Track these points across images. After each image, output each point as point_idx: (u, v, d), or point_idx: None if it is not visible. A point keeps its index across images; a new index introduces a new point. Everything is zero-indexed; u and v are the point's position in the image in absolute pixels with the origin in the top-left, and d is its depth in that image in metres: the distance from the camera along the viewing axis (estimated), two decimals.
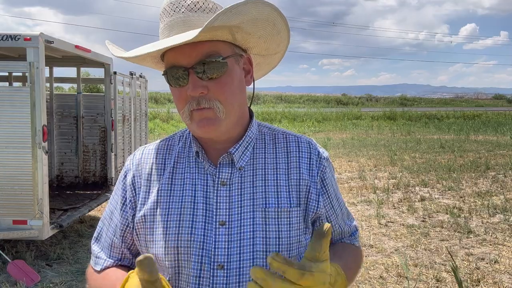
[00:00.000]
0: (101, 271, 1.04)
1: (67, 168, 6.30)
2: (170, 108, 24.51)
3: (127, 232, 1.03)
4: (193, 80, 0.91)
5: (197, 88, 0.90)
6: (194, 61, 0.91)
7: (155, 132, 17.06)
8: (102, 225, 1.08)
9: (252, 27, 0.93)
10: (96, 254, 1.07)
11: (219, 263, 0.92)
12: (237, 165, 0.98)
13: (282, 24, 0.96)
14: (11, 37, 3.92)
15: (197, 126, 0.94)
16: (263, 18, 0.92)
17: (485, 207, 6.42)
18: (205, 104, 0.92)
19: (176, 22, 0.93)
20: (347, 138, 16.18)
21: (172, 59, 0.93)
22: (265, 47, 1.04)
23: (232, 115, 0.95)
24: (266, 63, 1.13)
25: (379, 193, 7.40)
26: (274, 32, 0.98)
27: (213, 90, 0.92)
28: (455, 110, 31.14)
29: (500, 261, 4.47)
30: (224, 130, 0.96)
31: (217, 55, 0.91)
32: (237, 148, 0.99)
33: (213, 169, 0.99)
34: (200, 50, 0.90)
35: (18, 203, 3.98)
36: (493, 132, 18.84)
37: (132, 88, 6.58)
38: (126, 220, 1.02)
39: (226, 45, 0.94)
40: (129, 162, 1.06)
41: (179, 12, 0.93)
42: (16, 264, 3.96)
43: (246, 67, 1.01)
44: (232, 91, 0.94)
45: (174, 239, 0.95)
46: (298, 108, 29.44)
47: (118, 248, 1.04)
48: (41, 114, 3.95)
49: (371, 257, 4.59)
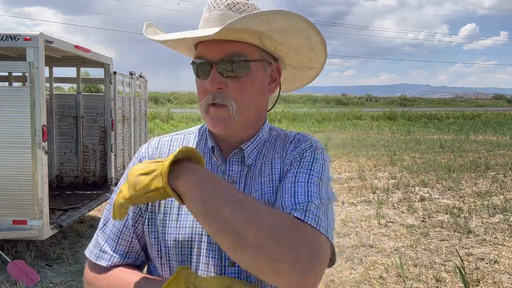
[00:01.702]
0: (108, 269, 0.98)
1: (67, 168, 6.29)
2: (170, 108, 24.52)
3: (139, 222, 1.00)
4: (214, 75, 0.94)
5: (215, 82, 0.93)
6: (218, 57, 0.94)
7: (154, 132, 17.05)
8: (108, 214, 1.03)
9: (281, 37, 0.96)
10: (101, 246, 1.00)
11: (230, 260, 0.92)
12: (246, 162, 1.00)
13: (317, 40, 0.99)
14: (11, 37, 3.92)
15: (210, 121, 0.97)
16: (294, 30, 0.94)
17: (485, 207, 6.42)
18: (220, 100, 0.94)
19: (212, 18, 0.96)
20: (347, 138, 16.18)
21: (201, 51, 0.96)
22: (297, 60, 1.07)
23: (245, 116, 0.97)
24: (301, 76, 1.15)
25: (379, 193, 7.40)
26: (307, 46, 1.01)
27: (231, 89, 0.94)
28: (455, 110, 31.15)
29: (500, 261, 4.47)
30: (234, 129, 0.98)
31: (241, 56, 0.94)
32: (248, 145, 1.01)
33: (223, 167, 1.00)
34: (226, 48, 0.93)
35: (18, 203, 3.97)
36: (493, 132, 18.85)
37: (132, 88, 6.58)
38: (139, 209, 1.00)
39: (254, 49, 0.96)
40: (144, 150, 1.06)
41: (217, 9, 0.96)
42: (16, 264, 3.96)
43: (273, 75, 1.03)
44: (250, 94, 0.96)
45: (188, 232, 0.96)
46: (298, 108, 29.43)
47: (127, 240, 1.00)
48: (41, 114, 3.95)
49: (371, 257, 4.59)
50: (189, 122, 21.14)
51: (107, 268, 0.98)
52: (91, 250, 1.01)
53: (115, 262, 0.99)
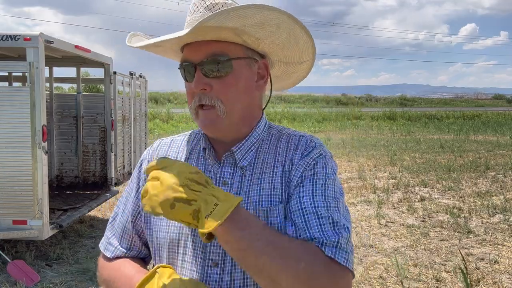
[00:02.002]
0: (112, 259, 1.06)
1: (67, 168, 6.29)
2: (170, 108, 24.51)
3: (138, 219, 1.06)
4: (198, 76, 0.94)
5: (199, 84, 0.94)
6: (200, 58, 0.94)
7: (154, 132, 17.05)
8: (117, 209, 1.12)
9: (258, 32, 0.94)
10: (108, 239, 1.09)
11: (213, 260, 0.94)
12: (239, 164, 0.99)
13: (300, 32, 0.97)
14: (11, 37, 3.92)
15: (200, 124, 0.98)
16: (272, 24, 0.92)
17: (485, 207, 6.42)
18: (206, 101, 0.94)
19: (193, 20, 0.96)
20: (347, 138, 16.18)
21: (185, 54, 0.97)
22: (284, 55, 1.05)
23: (234, 115, 0.96)
24: (292, 72, 1.14)
25: (379, 193, 7.40)
26: (291, 40, 0.99)
27: (216, 89, 0.94)
28: (455, 110, 31.14)
29: (500, 261, 4.47)
30: (225, 129, 0.97)
31: (223, 55, 0.93)
32: (239, 147, 1.00)
33: (216, 168, 1.00)
34: (207, 48, 0.93)
35: (18, 203, 3.98)
36: (493, 132, 18.85)
37: (132, 88, 6.58)
38: (137, 207, 1.06)
39: (237, 47, 0.96)
40: (146, 152, 1.12)
41: (197, 11, 0.96)
42: (16, 264, 3.96)
43: (261, 72, 1.02)
44: (235, 93, 0.96)
45: (176, 231, 0.98)
46: (298, 108, 29.43)
47: (128, 235, 1.07)
48: (41, 114, 3.95)
49: (371, 257, 4.59)
50: (189, 122, 21.13)
51: (111, 259, 1.07)
52: (102, 241, 1.11)
53: (119, 254, 1.07)
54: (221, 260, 0.93)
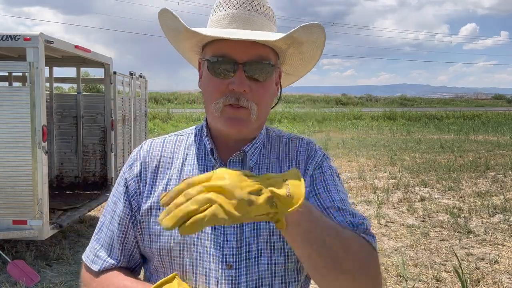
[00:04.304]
0: (100, 273, 0.99)
1: (67, 168, 6.29)
2: (169, 108, 24.50)
3: (129, 225, 1.00)
4: (241, 76, 0.92)
5: (243, 85, 0.92)
6: (247, 59, 0.92)
7: (154, 132, 17.05)
8: (103, 219, 1.04)
9: (306, 47, 0.99)
10: (95, 252, 1.01)
11: (228, 262, 0.92)
12: (248, 164, 0.99)
13: (320, 51, 1.02)
14: (11, 37, 3.91)
15: (225, 122, 0.94)
16: (317, 42, 0.98)
17: (485, 207, 6.42)
18: (244, 103, 0.93)
19: (239, 17, 0.95)
20: (347, 138, 16.17)
21: (225, 50, 0.93)
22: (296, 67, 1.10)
23: (261, 118, 0.98)
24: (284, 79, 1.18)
25: (379, 193, 7.40)
26: (316, 56, 1.04)
27: (254, 92, 0.94)
28: (455, 110, 31.12)
29: (500, 261, 4.47)
30: (250, 132, 0.99)
31: (268, 60, 0.95)
32: (250, 147, 1.00)
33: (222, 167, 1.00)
34: (255, 50, 0.93)
35: (18, 203, 3.97)
36: (493, 132, 18.85)
37: (131, 88, 6.58)
38: (130, 211, 1.00)
39: (274, 54, 0.98)
40: (136, 153, 1.05)
41: (245, 8, 0.95)
42: (16, 264, 3.96)
43: (277, 80, 1.05)
44: (268, 97, 0.98)
45: (179, 236, 0.94)
46: (298, 108, 29.42)
47: (119, 244, 1.00)
48: (41, 114, 3.95)
49: None
50: (189, 122, 21.13)
51: (99, 273, 0.99)
52: (87, 254, 1.03)
53: (108, 266, 0.99)
54: (236, 262, 0.92)
